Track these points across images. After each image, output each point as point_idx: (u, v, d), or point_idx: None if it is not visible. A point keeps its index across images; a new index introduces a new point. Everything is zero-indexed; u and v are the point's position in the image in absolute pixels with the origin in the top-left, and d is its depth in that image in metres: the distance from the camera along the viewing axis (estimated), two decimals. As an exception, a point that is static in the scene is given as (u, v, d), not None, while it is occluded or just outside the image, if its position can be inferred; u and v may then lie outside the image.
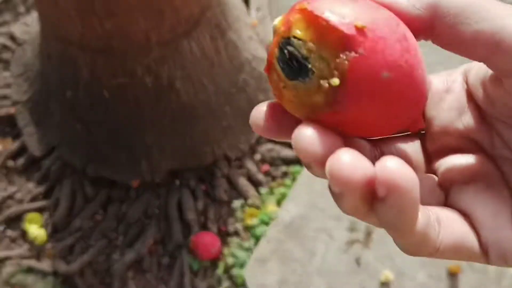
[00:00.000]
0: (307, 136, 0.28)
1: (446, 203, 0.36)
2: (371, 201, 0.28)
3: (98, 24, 1.28)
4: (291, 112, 0.31)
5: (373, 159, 0.33)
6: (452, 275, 1.71)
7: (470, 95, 0.36)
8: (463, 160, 0.35)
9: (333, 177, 0.27)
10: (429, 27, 0.32)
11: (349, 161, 0.27)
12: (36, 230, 1.76)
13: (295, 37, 0.30)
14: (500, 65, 0.31)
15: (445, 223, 0.33)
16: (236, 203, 1.80)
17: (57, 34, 1.45)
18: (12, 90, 1.87)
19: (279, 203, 1.81)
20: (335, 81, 0.28)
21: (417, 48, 0.31)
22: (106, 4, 1.21)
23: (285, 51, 0.30)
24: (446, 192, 0.36)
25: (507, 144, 0.35)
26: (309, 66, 0.29)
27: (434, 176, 0.37)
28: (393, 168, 0.27)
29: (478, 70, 0.35)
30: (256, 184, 1.83)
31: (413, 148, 0.38)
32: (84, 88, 1.56)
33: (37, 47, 1.77)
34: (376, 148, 0.37)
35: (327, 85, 0.29)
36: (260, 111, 0.33)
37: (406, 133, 0.38)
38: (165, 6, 1.28)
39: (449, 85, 0.37)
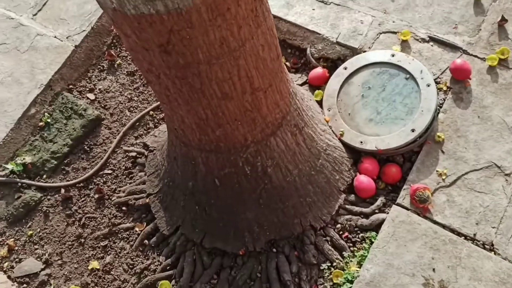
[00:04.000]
0: None
1: None
2: None
3: (211, 132, 1.82)
4: None
5: None
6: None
7: None
8: None
9: None
10: None
11: None
12: (167, 292, 2.23)
13: None
14: None
15: None
16: (324, 266, 2.16)
17: (182, 140, 2.01)
18: (147, 185, 2.45)
19: (359, 264, 2.14)
20: None
21: None
22: (216, 119, 1.74)
23: None
24: None
25: None
26: None
27: None
28: None
29: None
30: (339, 249, 2.19)
31: None
32: (201, 179, 2.09)
33: (164, 152, 2.36)
34: None
35: None
36: None
37: None
38: (256, 116, 1.79)
39: None
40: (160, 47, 1.44)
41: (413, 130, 2.20)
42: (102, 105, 2.79)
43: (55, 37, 2.91)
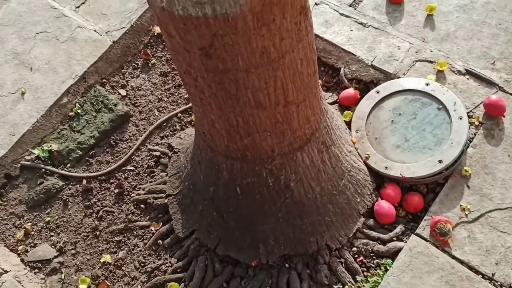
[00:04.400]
0: None
1: None
2: None
3: (239, 140, 1.82)
4: None
5: None
6: None
7: None
8: None
9: None
10: None
11: None
12: (176, 294, 2.22)
13: None
14: None
15: None
16: (335, 287, 2.14)
17: (209, 145, 2.02)
18: (167, 186, 2.46)
19: (372, 290, 2.11)
20: None
21: None
22: (246, 128, 1.75)
23: None
24: None
25: None
26: None
27: None
28: None
29: None
30: (352, 272, 2.17)
31: None
32: (223, 185, 2.09)
33: (189, 155, 2.37)
34: None
35: None
36: None
37: None
38: (286, 129, 1.80)
39: None
40: (201, 50, 1.46)
41: (440, 161, 2.18)
42: (132, 102, 2.82)
43: (94, 30, 2.96)
